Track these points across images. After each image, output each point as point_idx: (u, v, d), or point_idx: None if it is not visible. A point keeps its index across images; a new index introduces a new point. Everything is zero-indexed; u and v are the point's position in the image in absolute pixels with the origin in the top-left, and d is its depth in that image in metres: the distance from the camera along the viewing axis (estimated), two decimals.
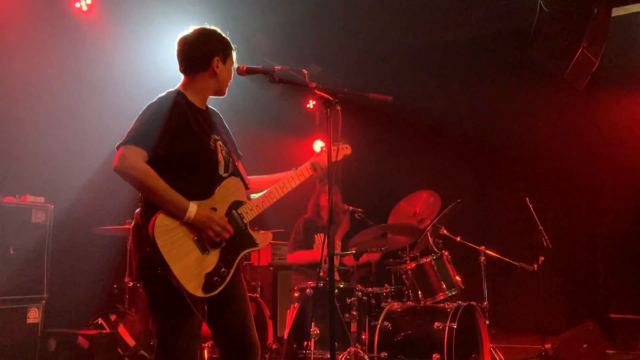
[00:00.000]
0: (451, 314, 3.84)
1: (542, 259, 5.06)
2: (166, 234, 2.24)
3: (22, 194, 4.36)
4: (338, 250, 4.84)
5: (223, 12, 6.26)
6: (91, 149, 5.30)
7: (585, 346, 4.95)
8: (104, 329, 4.42)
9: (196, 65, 2.51)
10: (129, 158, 2.25)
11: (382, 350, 3.93)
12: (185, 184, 2.33)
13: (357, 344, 3.87)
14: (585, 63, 5.46)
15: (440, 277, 4.21)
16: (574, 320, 5.88)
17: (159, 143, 2.29)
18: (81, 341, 4.25)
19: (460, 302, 4.00)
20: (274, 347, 4.90)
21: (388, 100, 2.64)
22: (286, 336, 4.23)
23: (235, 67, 2.61)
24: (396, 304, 4.21)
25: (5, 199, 4.23)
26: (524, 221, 5.43)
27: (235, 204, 2.50)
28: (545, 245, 5.14)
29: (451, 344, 3.72)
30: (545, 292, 5.48)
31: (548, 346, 5.05)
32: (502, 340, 6.05)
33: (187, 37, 2.54)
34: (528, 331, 6.37)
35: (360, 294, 4.05)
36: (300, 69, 2.59)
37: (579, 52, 5.32)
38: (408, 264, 4.35)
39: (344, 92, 2.59)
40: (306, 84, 2.56)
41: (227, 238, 2.39)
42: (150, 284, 2.35)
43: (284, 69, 2.63)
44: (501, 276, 6.90)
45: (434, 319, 3.88)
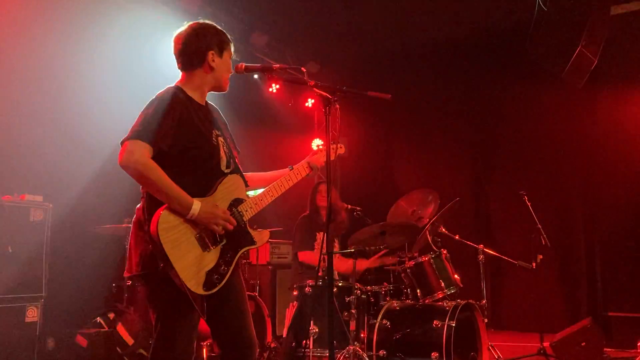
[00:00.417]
0: (450, 312, 3.84)
1: (541, 257, 5.06)
2: (169, 230, 2.23)
3: (20, 192, 4.34)
4: (337, 249, 4.84)
5: (221, 9, 6.26)
6: (90, 147, 5.30)
7: (583, 344, 4.95)
8: (103, 327, 4.42)
9: (192, 61, 2.49)
10: (135, 153, 2.22)
11: (380, 348, 3.93)
12: (187, 180, 2.33)
13: (355, 343, 3.87)
14: (583, 61, 5.47)
15: (439, 275, 4.22)
16: (572, 318, 5.89)
17: (164, 138, 2.29)
18: (80, 340, 4.25)
19: (459, 301, 4.00)
20: (272, 345, 4.90)
21: (387, 99, 2.63)
22: (285, 334, 4.23)
23: (233, 58, 2.59)
24: (395, 302, 4.21)
25: (3, 198, 4.22)
26: (522, 219, 5.43)
27: (236, 202, 2.50)
28: (543, 243, 5.15)
29: (450, 342, 3.72)
30: (543, 290, 5.49)
31: (546, 344, 5.07)
32: (500, 338, 6.08)
33: (182, 33, 2.52)
34: (526, 329, 6.37)
35: (359, 292, 4.05)
36: (299, 67, 2.58)
37: (577, 50, 5.32)
38: (407, 262, 4.35)
39: (342, 90, 2.58)
40: (305, 82, 2.55)
41: (232, 230, 2.39)
42: (150, 278, 2.35)
43: (282, 67, 2.63)
44: (500, 274, 6.93)
45: (432, 317, 3.88)
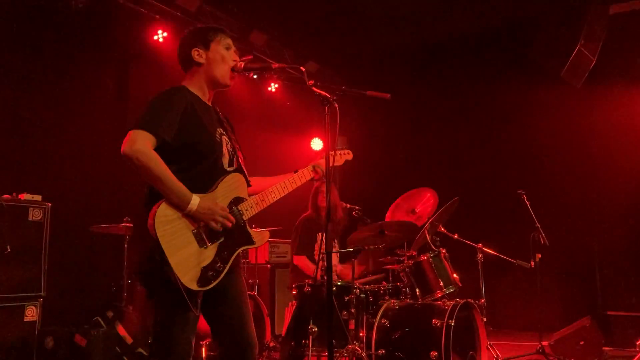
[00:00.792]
0: (449, 311, 3.84)
1: (539, 256, 5.08)
2: (166, 224, 2.23)
3: (19, 192, 4.34)
4: (336, 249, 4.84)
5: (220, 9, 6.26)
6: (89, 147, 5.30)
7: (582, 343, 4.97)
8: (102, 326, 4.42)
9: (185, 64, 2.60)
10: (138, 142, 2.23)
11: (380, 347, 3.93)
12: (189, 175, 2.34)
13: (355, 342, 3.88)
14: (582, 60, 5.48)
15: (438, 274, 4.23)
16: (571, 317, 5.89)
17: (168, 130, 2.30)
18: (79, 339, 4.25)
19: (458, 300, 4.00)
20: (272, 344, 4.91)
21: (386, 98, 2.64)
22: (284, 334, 4.23)
23: (229, 49, 2.61)
24: (394, 301, 4.21)
25: (2, 197, 4.22)
26: (521, 219, 5.44)
27: (236, 200, 2.50)
28: (542, 242, 5.16)
29: (449, 341, 3.72)
30: (542, 290, 5.49)
31: (545, 343, 5.08)
32: (499, 337, 6.09)
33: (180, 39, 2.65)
34: (525, 328, 6.39)
35: (358, 291, 4.05)
36: (298, 67, 2.58)
37: (576, 49, 5.34)
38: (406, 261, 4.35)
39: (342, 90, 2.58)
40: (304, 81, 2.55)
41: (230, 227, 2.39)
42: (149, 276, 2.35)
43: (281, 66, 2.63)
44: (498, 274, 6.94)
45: (431, 316, 3.88)
